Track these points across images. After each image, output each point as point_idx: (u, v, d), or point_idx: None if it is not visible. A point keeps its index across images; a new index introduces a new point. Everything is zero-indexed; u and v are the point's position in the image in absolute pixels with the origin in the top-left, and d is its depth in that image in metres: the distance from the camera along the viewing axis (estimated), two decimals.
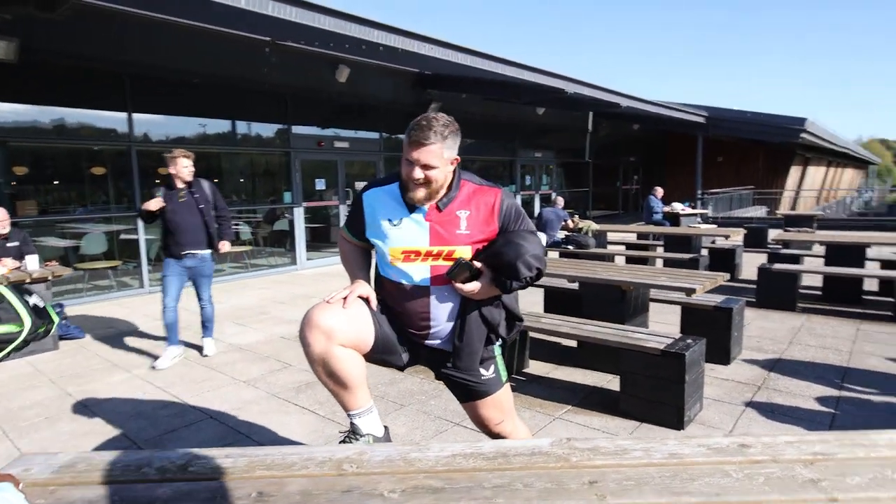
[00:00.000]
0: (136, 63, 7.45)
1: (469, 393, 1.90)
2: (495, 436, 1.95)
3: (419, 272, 1.77)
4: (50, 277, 5.12)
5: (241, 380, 4.02)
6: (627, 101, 13.08)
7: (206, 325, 4.71)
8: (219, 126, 8.84)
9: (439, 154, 1.65)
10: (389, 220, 1.77)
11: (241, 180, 9.62)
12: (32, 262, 5.11)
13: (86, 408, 3.57)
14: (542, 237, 1.65)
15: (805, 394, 3.46)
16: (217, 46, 7.82)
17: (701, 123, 17.60)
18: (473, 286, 1.71)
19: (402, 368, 1.94)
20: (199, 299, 4.59)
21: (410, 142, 1.66)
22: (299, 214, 9.60)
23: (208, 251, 4.40)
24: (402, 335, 1.86)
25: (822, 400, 3.36)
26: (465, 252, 1.74)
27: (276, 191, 9.70)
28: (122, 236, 7.99)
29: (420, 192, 1.69)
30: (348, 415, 1.76)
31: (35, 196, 7.35)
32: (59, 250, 7.32)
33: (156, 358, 4.49)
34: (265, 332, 5.35)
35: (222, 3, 5.65)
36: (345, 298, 1.76)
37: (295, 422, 3.28)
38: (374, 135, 10.93)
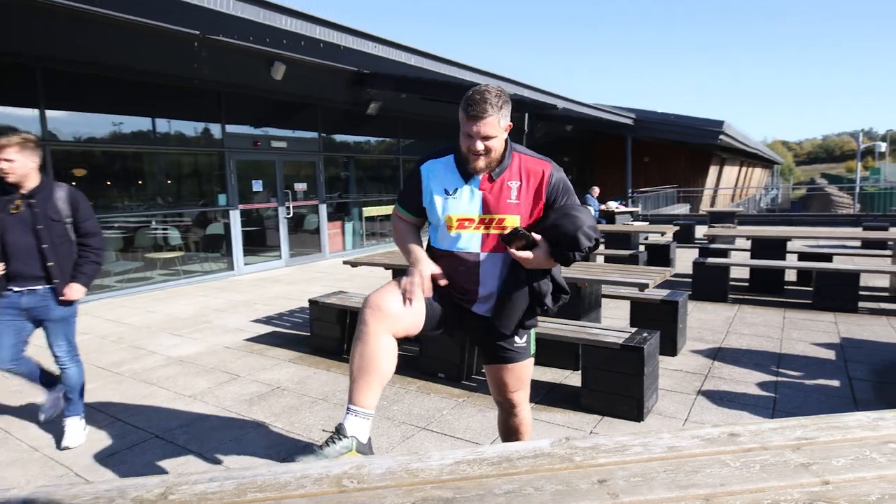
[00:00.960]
0: (50, 56, 6.88)
1: (499, 356, 1.99)
2: (507, 402, 2.07)
3: (471, 240, 1.86)
4: None
5: (187, 394, 3.78)
6: (564, 103, 13.47)
7: (69, 398, 3.08)
8: (144, 124, 8.32)
9: (496, 124, 1.75)
10: (446, 191, 1.87)
11: (169, 182, 9.09)
12: None
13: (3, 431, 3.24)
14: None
15: (747, 380, 3.67)
16: (143, 40, 7.35)
17: (629, 125, 18.40)
18: (527, 254, 1.79)
19: (450, 336, 2.22)
20: (54, 357, 3.00)
21: (469, 116, 1.75)
22: (235, 217, 9.19)
23: (48, 286, 2.88)
24: (448, 302, 1.94)
25: (762, 385, 3.57)
26: (514, 221, 1.83)
27: (208, 193, 9.24)
28: None
29: (481, 162, 1.79)
30: (349, 407, 1.68)
31: None
32: None
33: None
34: (207, 343, 5.07)
35: None
36: (408, 291, 1.79)
37: (251, 437, 3.11)
38: (313, 134, 10.65)
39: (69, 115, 7.44)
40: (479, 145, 1.75)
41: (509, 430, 2.15)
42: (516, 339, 1.96)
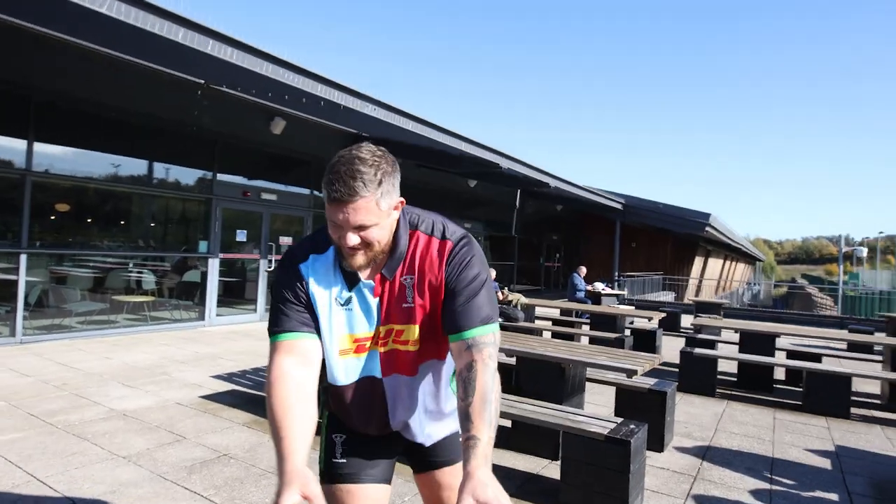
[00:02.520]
0: (46, 88, 6.83)
1: (430, 462, 1.54)
2: None
3: (371, 363, 1.39)
4: None
5: (121, 455, 3.38)
6: (556, 182, 13.66)
7: None
8: (133, 164, 8.19)
9: (373, 208, 1.20)
10: (338, 301, 1.34)
11: (153, 225, 8.87)
12: None
13: None
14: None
15: (739, 486, 3.36)
16: (145, 81, 7.36)
17: (618, 209, 18.71)
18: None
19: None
20: None
21: (331, 200, 1.20)
22: (214, 266, 8.91)
23: None
24: (369, 445, 1.50)
25: (756, 494, 3.26)
26: (412, 333, 1.35)
27: (191, 239, 9.01)
28: None
29: (359, 259, 1.26)
30: None
31: None
32: None
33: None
34: (158, 397, 4.67)
35: (157, 35, 5.30)
36: None
37: None
38: (305, 190, 10.60)
39: (59, 149, 7.31)
40: (353, 238, 1.21)
41: None
42: (444, 433, 1.53)
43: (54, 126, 7.13)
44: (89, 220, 8.02)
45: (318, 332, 1.34)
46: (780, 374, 6.68)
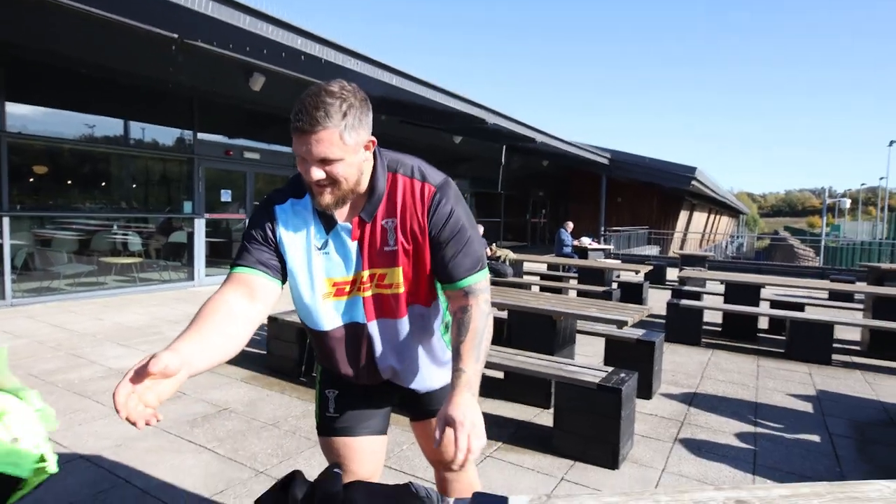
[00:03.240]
0: (15, 45, 6.54)
1: (427, 410, 1.56)
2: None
3: (354, 308, 1.37)
4: None
5: None
6: (542, 137, 13.54)
7: None
8: (112, 124, 7.96)
9: (336, 140, 1.16)
10: (315, 245, 1.32)
11: (134, 186, 8.70)
12: None
13: None
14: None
15: (725, 430, 3.51)
16: (116, 36, 7.07)
17: (605, 164, 18.67)
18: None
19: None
20: None
21: (295, 130, 1.17)
22: (200, 226, 8.81)
23: None
24: (358, 399, 1.52)
25: (741, 436, 3.41)
26: (396, 275, 1.34)
27: (174, 199, 8.87)
28: None
29: (326, 198, 1.23)
30: None
31: None
32: None
33: None
34: None
35: None
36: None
37: (190, 463, 2.79)
38: (288, 148, 10.40)
39: (32, 108, 7.06)
40: (317, 172, 1.19)
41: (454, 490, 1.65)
42: (439, 383, 1.55)
43: (26, 85, 6.87)
44: (69, 182, 7.85)
45: (283, 274, 1.34)
46: (763, 323, 6.87)
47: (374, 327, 1.39)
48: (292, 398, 3.78)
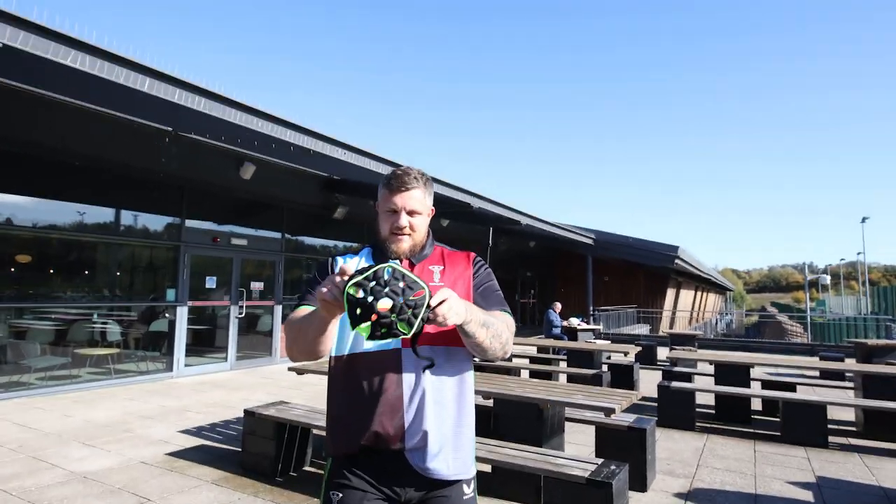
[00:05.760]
0: (7, 138, 6.70)
1: None
2: None
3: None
4: None
5: None
6: (527, 220, 13.83)
7: None
8: (100, 213, 8.02)
9: (422, 200, 1.56)
10: None
11: (119, 274, 8.63)
12: None
13: None
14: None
15: None
16: (111, 129, 7.29)
17: (589, 244, 18.98)
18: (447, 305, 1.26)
19: None
20: None
21: (392, 189, 1.54)
22: (182, 314, 8.66)
23: None
24: (371, 472, 1.47)
25: None
26: None
27: (159, 287, 8.77)
28: None
29: (405, 243, 1.54)
30: None
31: None
32: None
33: None
34: (122, 456, 4.44)
35: (124, 86, 5.27)
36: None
37: None
38: (276, 234, 10.50)
39: (18, 198, 7.12)
40: (404, 219, 1.52)
41: None
42: (465, 488, 1.52)
43: (16, 176, 6.97)
44: (52, 271, 7.77)
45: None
46: (757, 404, 6.72)
47: (408, 356, 1.45)
48: (266, 503, 3.53)
